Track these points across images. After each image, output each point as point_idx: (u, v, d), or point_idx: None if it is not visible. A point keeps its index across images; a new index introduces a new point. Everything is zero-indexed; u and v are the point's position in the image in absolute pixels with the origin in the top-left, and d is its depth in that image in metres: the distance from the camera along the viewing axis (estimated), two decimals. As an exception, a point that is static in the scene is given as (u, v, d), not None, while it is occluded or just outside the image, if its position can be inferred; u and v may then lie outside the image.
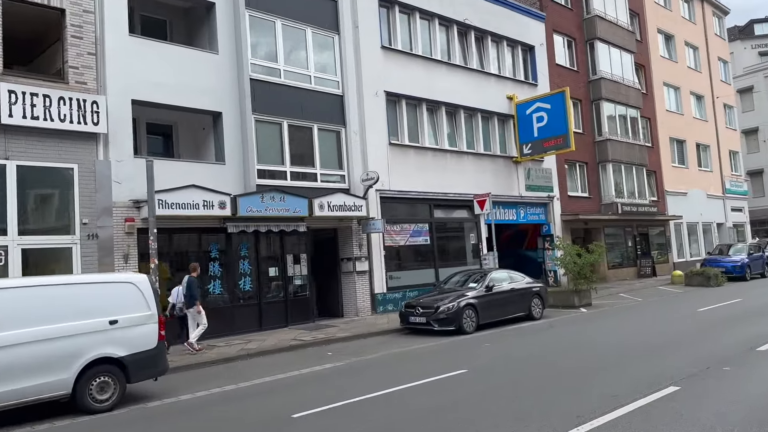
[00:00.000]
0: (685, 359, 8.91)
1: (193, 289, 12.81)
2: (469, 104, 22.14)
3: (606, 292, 22.96)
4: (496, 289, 14.96)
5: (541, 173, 25.02)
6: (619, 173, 28.65)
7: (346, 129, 17.81)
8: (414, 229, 19.77)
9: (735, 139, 41.59)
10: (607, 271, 28.00)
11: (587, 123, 28.10)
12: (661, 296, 20.69)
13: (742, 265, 26.05)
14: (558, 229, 25.47)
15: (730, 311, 14.64)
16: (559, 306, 18.50)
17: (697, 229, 35.42)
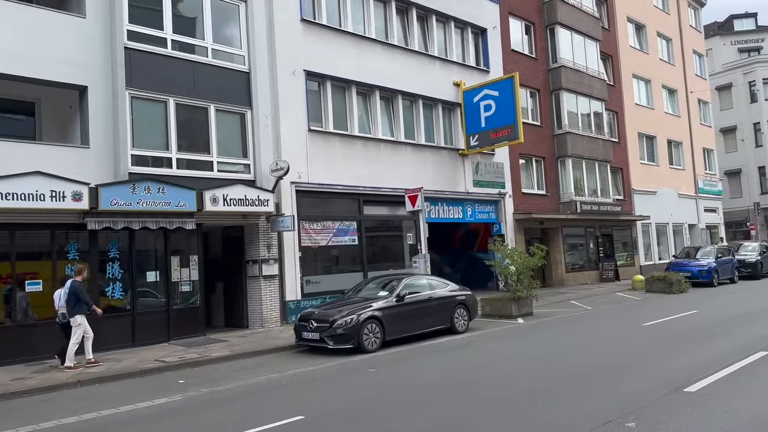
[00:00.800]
0: (588, 405, 6.77)
1: (81, 295, 10.83)
2: (409, 89, 19.93)
3: (558, 298, 20.93)
4: (410, 298, 12.76)
5: (491, 168, 22.88)
6: (579, 169, 26.60)
7: (253, 111, 15.52)
8: (339, 227, 17.53)
9: (710, 136, 39.80)
10: (565, 275, 25.99)
11: (546, 115, 26.02)
12: (614, 304, 18.66)
13: (708, 269, 24.11)
14: (510, 229, 23.38)
15: (677, 327, 12.58)
16: (496, 316, 16.39)
17: (667, 230, 33.55)
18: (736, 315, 14.17)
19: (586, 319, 15.38)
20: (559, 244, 26.02)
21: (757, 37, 54.15)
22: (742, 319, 13.19)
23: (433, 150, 20.70)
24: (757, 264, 27.42)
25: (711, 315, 14.47)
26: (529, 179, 25.25)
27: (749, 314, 14.19)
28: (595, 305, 18.49)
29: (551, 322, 15.12)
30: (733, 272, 25.84)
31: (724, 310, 15.60)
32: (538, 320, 15.54)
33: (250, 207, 14.41)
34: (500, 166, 23.27)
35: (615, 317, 15.41)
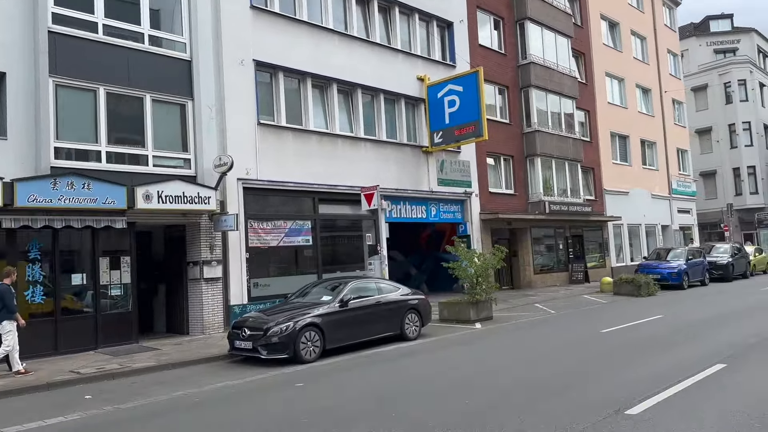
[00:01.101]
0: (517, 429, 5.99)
1: (7, 301, 10.01)
2: (369, 83, 19.09)
3: (523, 300, 20.24)
4: (355, 303, 11.91)
5: (457, 166, 22.13)
6: (549, 169, 25.96)
7: (195, 102, 14.57)
8: (292, 227, 16.63)
9: (684, 136, 39.49)
10: (533, 277, 25.34)
11: (515, 112, 25.33)
12: (578, 308, 17.99)
13: (679, 272, 23.59)
14: (476, 230, 22.65)
15: (637, 335, 11.88)
16: (453, 320, 15.62)
17: (640, 231, 33.10)
18: (701, 320, 13.54)
19: (545, 324, 14.66)
20: (527, 245, 25.36)
21: (732, 38, 54.14)
22: (707, 325, 12.55)
23: (395, 147, 19.89)
24: (728, 266, 27.03)
25: (675, 320, 13.83)
26: (497, 178, 24.55)
27: (715, 319, 13.57)
28: (559, 309, 17.81)
29: (509, 327, 14.38)
30: (704, 274, 25.38)
31: (690, 314, 14.97)
32: (497, 325, 14.80)
33: (189, 205, 13.46)
34: (466, 165, 22.54)
35: (576, 322, 14.72)
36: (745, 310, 15.05)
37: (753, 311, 14.72)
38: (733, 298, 18.73)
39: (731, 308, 15.81)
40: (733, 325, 12.46)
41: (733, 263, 27.33)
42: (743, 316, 13.98)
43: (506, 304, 19.32)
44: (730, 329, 11.76)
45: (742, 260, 28.73)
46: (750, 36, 54.18)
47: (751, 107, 48.77)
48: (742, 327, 12.03)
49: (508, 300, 20.44)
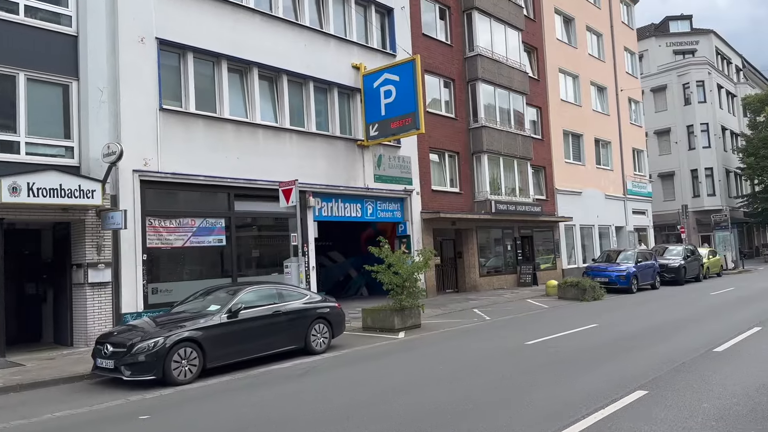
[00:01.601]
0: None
1: None
2: (297, 70, 17.61)
3: (462, 305, 18.98)
4: (247, 314, 10.39)
5: (396, 162, 20.77)
6: (496, 167, 24.80)
7: (80, 83, 12.89)
8: (201, 225, 15.03)
9: (640, 136, 38.86)
10: (479, 279, 24.13)
11: (461, 107, 24.09)
12: (517, 314, 16.77)
13: (627, 275, 22.62)
14: (417, 230, 21.33)
15: (562, 348, 10.64)
16: (377, 329, 14.24)
17: (593, 232, 32.25)
18: (637, 331, 12.38)
19: (473, 334, 13.35)
20: (473, 247, 24.15)
21: (691, 39, 54.04)
22: (641, 338, 11.37)
23: (326, 139, 18.42)
24: (680, 269, 26.23)
25: (609, 331, 12.64)
26: (441, 176, 23.27)
27: (652, 330, 12.43)
28: (497, 315, 16.57)
29: (433, 338, 13.03)
30: (654, 278, 24.50)
31: (627, 324, 13.82)
32: (422, 335, 13.45)
33: (68, 199, 11.78)
34: (407, 160, 21.19)
35: (505, 332, 13.43)
36: (686, 319, 13.99)
37: (694, 321, 13.65)
38: (679, 304, 17.75)
39: (674, 316, 14.74)
40: (671, 337, 11.31)
41: (685, 266, 26.56)
42: (683, 326, 12.88)
43: (443, 310, 18.07)
44: (665, 343, 10.59)
45: (694, 263, 28.02)
46: (709, 38, 54.16)
47: (709, 109, 48.66)
48: (679, 340, 10.88)
49: (447, 305, 19.19)
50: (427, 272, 21.29)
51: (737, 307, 16.11)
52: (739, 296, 19.26)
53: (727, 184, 50.83)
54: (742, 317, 13.59)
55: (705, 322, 13.25)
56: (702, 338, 10.83)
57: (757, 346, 9.69)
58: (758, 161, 45.30)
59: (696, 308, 16.38)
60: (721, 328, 12.06)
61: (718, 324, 12.71)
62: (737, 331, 11.48)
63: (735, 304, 16.98)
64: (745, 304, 16.88)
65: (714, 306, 16.69)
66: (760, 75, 63.64)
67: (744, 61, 62.16)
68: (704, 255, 30.03)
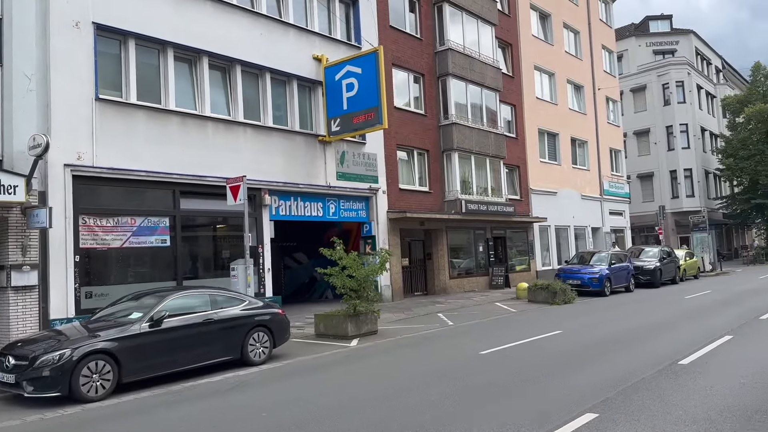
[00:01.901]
0: None
1: None
2: (253, 60, 16.66)
3: (427, 309, 18.15)
4: (173, 322, 9.44)
5: (360, 159, 19.88)
6: (467, 165, 24.00)
7: (4, 69, 11.84)
8: (142, 224, 14.02)
9: (618, 136, 38.30)
10: (449, 282, 23.31)
11: (431, 103, 23.26)
12: (482, 318, 15.96)
13: (600, 277, 21.91)
14: (383, 230, 20.45)
15: (518, 359, 9.82)
16: (330, 336, 13.34)
17: (568, 233, 31.58)
18: (602, 338, 11.61)
19: (429, 342, 12.50)
20: (443, 248, 23.32)
21: (671, 39, 53.73)
22: (604, 346, 10.59)
23: (285, 134, 17.49)
24: (655, 271, 25.62)
25: (572, 338, 11.85)
26: (410, 174, 22.42)
27: (617, 337, 11.66)
28: (461, 320, 15.75)
29: (387, 346, 12.16)
30: (628, 280, 23.83)
31: (593, 330, 13.05)
32: (375, 342, 12.58)
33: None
34: (372, 158, 20.30)
35: (464, 339, 12.59)
36: (656, 325, 13.24)
37: (664, 327, 12.91)
38: (651, 309, 17.04)
39: (643, 322, 14.00)
40: (635, 346, 10.55)
41: (661, 268, 25.95)
42: (651, 333, 12.13)
43: (407, 314, 17.23)
44: (628, 353, 9.82)
45: (670, 265, 27.45)
46: (689, 38, 53.89)
47: (688, 109, 48.36)
48: (644, 350, 10.11)
49: (413, 308, 18.35)
50: (393, 274, 20.48)
51: (711, 312, 15.42)
52: (714, 300, 18.61)
53: (706, 185, 50.57)
54: (714, 324, 12.88)
55: (675, 328, 12.51)
56: (668, 348, 10.06)
57: (726, 358, 8.93)
58: (737, 162, 45.06)
59: (668, 313, 15.67)
60: (691, 335, 11.32)
61: (688, 331, 11.97)
62: (707, 339, 10.74)
63: (709, 308, 16.30)
64: (719, 308, 16.21)
65: (687, 311, 16.00)
66: (740, 76, 63.56)
67: (724, 62, 62.07)
68: (681, 257, 29.48)
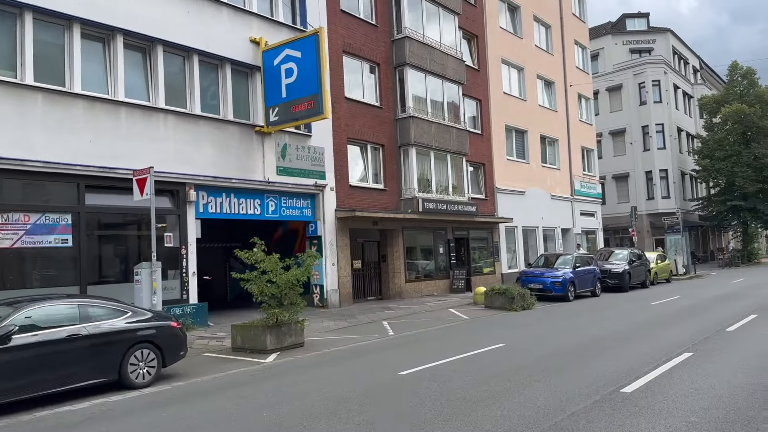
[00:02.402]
0: None
1: None
2: (177, 40, 15.09)
3: (375, 316, 16.71)
4: (26, 339, 7.86)
5: (305, 152, 18.35)
6: (426, 162, 22.56)
7: None
8: (38, 222, 12.38)
9: (590, 134, 37.10)
10: (405, 285, 21.85)
11: (388, 95, 21.79)
12: (428, 327, 14.51)
13: (563, 281, 20.59)
14: (330, 230, 18.93)
15: (440, 379, 8.36)
16: (247, 350, 11.78)
17: (537, 234, 30.29)
18: (545, 354, 10.19)
19: (356, 357, 11.00)
20: (399, 249, 21.85)
21: (648, 38, 52.82)
22: (544, 365, 9.16)
23: (216, 124, 15.91)
24: (624, 275, 24.40)
25: (513, 353, 10.42)
26: (363, 170, 20.93)
27: (561, 353, 10.25)
28: (404, 329, 14.30)
29: (305, 363, 10.63)
30: (594, 284, 22.55)
31: (540, 343, 11.64)
32: (295, 358, 11.05)
33: None
34: (319, 152, 18.78)
35: (395, 353, 11.12)
36: (610, 338, 11.87)
37: (618, 341, 11.53)
38: (611, 317, 15.73)
39: (598, 333, 12.64)
40: (578, 365, 9.15)
41: (629, 271, 24.73)
42: (602, 348, 10.74)
43: (349, 322, 15.75)
44: (566, 375, 8.40)
45: (641, 268, 26.25)
46: (666, 36, 53.01)
47: (665, 109, 47.48)
48: (586, 370, 8.71)
49: (357, 315, 16.86)
50: (341, 278, 19.00)
51: (673, 322, 14.09)
52: (680, 307, 17.34)
53: (682, 186, 49.73)
54: (674, 337, 11.53)
55: (630, 342, 11.14)
56: (616, 368, 8.66)
57: (679, 385, 7.53)
58: (713, 163, 44.24)
59: (628, 322, 14.34)
60: (645, 352, 9.94)
61: (643, 346, 10.60)
62: (663, 357, 9.37)
63: (673, 317, 14.99)
64: (685, 317, 14.91)
65: (649, 320, 14.66)
66: (718, 77, 62.92)
67: (702, 62, 61.39)
68: (652, 260, 28.32)
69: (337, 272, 18.94)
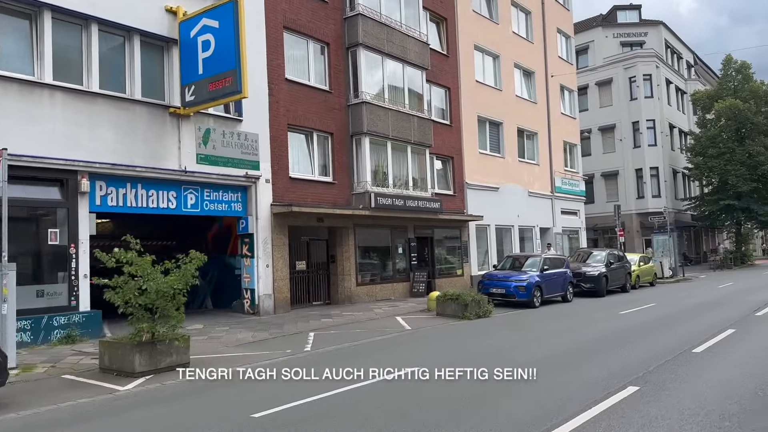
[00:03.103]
0: None
1: None
2: (70, 6, 13.05)
3: (305, 326, 14.68)
4: None
5: (234, 139, 16.28)
6: (382, 153, 20.49)
7: None
8: None
9: (573, 129, 35.00)
10: (356, 289, 19.79)
11: (339, 78, 19.71)
12: (359, 340, 12.45)
13: (528, 285, 18.54)
14: (264, 227, 16.89)
15: (300, 427, 6.35)
16: (114, 371, 9.71)
17: (512, 234, 28.22)
18: (449, 392, 8.10)
19: (227, 387, 8.87)
20: (349, 249, 19.79)
21: (639, 31, 50.72)
22: (455, 401, 7.13)
23: (117, 103, 13.83)
24: (600, 278, 22.37)
25: (418, 388, 8.34)
26: (309, 161, 18.86)
27: (471, 389, 8.17)
28: (327, 343, 12.24)
29: (169, 393, 8.56)
30: (565, 288, 20.49)
31: (469, 363, 9.55)
32: (163, 384, 8.96)
33: None
34: (252, 139, 16.70)
35: (268, 387, 8.99)
36: (554, 359, 9.81)
37: (563, 364, 9.47)
38: (570, 329, 13.74)
39: (545, 352, 10.60)
40: (495, 400, 7.13)
41: (606, 274, 22.70)
42: (540, 374, 8.61)
43: (271, 333, 13.71)
44: (475, 417, 6.37)
45: (620, 271, 24.26)
46: (658, 29, 50.93)
47: (656, 104, 45.53)
48: (501, 410, 6.69)
49: (286, 325, 14.83)
50: (276, 281, 16.98)
51: (635, 337, 12.03)
52: (652, 317, 15.30)
53: (674, 185, 47.74)
54: (625, 360, 9.46)
55: (574, 367, 9.10)
56: (543, 406, 6.63)
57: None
58: (706, 161, 42.24)
59: (585, 337, 12.31)
60: (588, 381, 7.90)
61: (590, 372, 8.56)
62: (605, 389, 7.34)
63: (637, 331, 12.94)
64: (651, 331, 12.86)
65: (608, 335, 12.61)
66: (713, 73, 60.76)
67: (696, 57, 59.35)
68: (634, 261, 26.28)
69: (272, 275, 16.89)
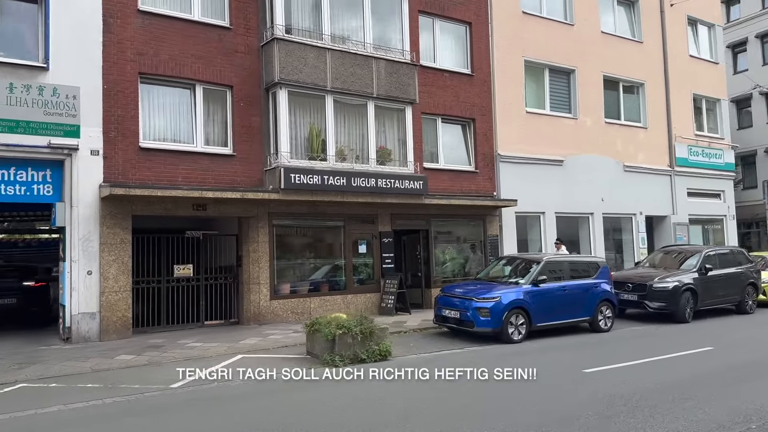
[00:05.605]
0: None
1: None
2: None
3: (111, 363, 9.46)
4: None
5: (34, 94, 11.57)
6: (318, 113, 14.34)
7: None
8: None
9: (712, 78, 24.61)
10: (269, 304, 13.93)
11: (246, 8, 14.03)
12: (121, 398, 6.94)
13: (496, 308, 11.13)
14: (89, 218, 11.97)
15: None
16: None
17: (591, 225, 19.86)
18: None
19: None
20: (260, 248, 13.96)
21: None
22: None
23: None
24: (677, 294, 13.80)
25: None
26: (188, 125, 13.46)
27: None
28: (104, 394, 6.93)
29: None
30: (592, 311, 12.51)
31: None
32: None
33: None
34: (66, 94, 11.85)
35: None
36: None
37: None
38: (505, 400, 6.67)
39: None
40: None
41: (693, 287, 13.97)
42: None
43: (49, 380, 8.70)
44: None
45: (731, 281, 15.20)
46: None
47: None
48: None
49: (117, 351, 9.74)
50: (106, 295, 11.98)
51: None
52: (699, 374, 7.37)
53: None
54: None
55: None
56: None
57: None
58: None
59: None
60: None
61: None
62: None
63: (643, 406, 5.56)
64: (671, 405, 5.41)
65: None
66: None
67: None
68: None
69: (99, 285, 11.86)
